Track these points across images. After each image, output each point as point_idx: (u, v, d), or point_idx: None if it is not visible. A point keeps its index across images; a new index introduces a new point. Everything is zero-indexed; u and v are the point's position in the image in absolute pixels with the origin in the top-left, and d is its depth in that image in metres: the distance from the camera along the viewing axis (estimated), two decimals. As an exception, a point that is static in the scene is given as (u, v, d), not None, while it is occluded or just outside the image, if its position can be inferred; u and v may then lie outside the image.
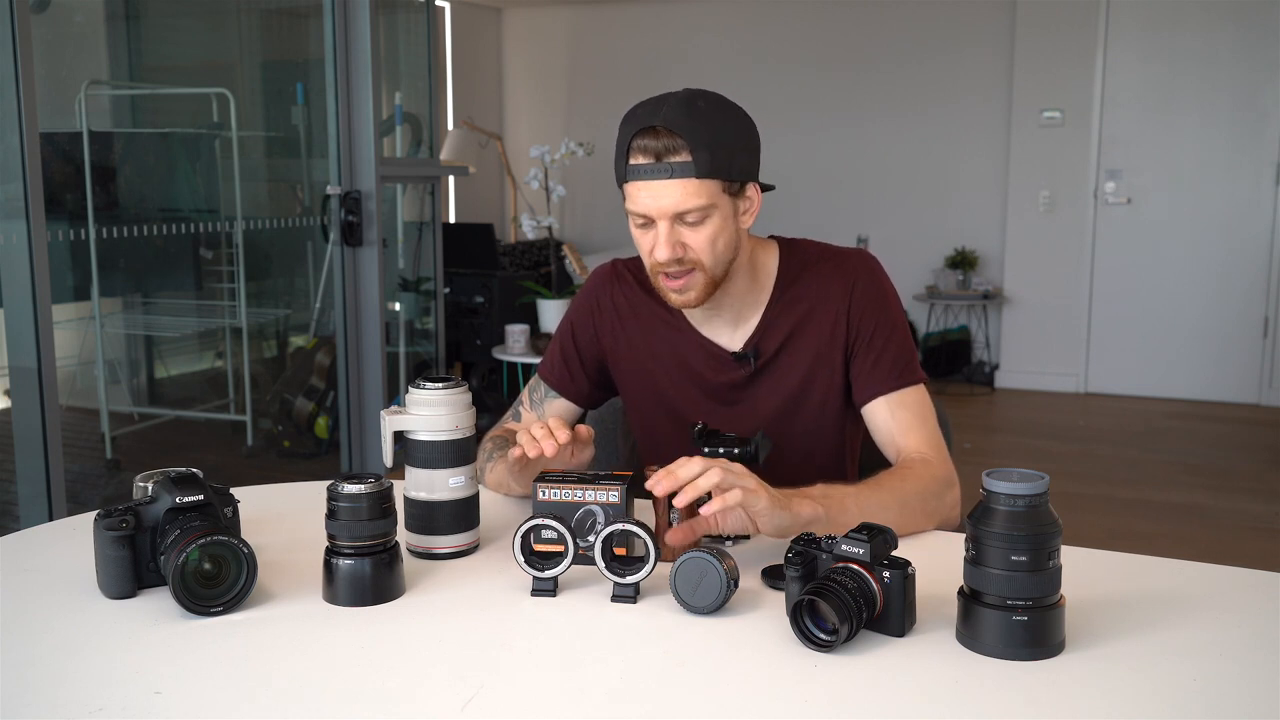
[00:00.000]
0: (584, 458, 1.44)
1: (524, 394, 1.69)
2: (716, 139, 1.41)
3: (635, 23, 7.31)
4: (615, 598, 1.19)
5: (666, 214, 1.41)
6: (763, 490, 1.23)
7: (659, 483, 1.20)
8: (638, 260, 1.66)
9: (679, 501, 1.20)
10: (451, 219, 7.12)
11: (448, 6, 7.12)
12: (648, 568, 1.18)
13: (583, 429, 1.41)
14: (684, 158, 1.39)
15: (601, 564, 1.19)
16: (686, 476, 1.20)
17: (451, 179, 6.99)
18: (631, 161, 1.41)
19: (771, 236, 1.63)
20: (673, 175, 1.39)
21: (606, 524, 1.20)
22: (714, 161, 1.40)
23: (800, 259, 1.59)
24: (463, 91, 7.31)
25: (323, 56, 3.83)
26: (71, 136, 3.86)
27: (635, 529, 1.18)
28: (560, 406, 1.65)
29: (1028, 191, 6.34)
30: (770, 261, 1.59)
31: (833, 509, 1.30)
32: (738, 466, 1.23)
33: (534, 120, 7.65)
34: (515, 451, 1.37)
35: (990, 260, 6.58)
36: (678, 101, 1.42)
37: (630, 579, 1.18)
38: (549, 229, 4.79)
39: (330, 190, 3.83)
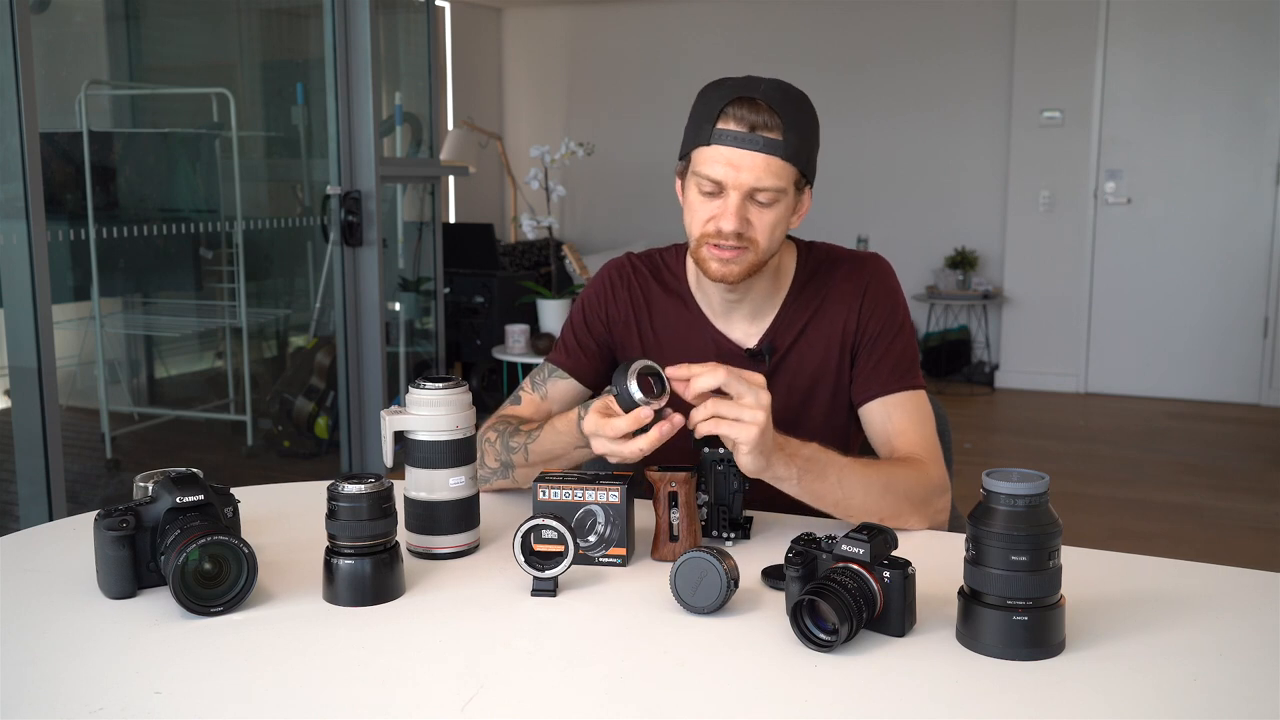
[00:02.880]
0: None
1: (526, 381, 1.68)
2: (805, 129, 1.44)
3: (635, 23, 7.30)
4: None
5: (743, 186, 1.41)
6: (754, 433, 1.23)
7: (679, 375, 1.23)
8: (650, 255, 1.66)
9: (687, 394, 1.23)
10: (451, 219, 7.12)
11: (448, 6, 7.12)
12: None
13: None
14: (776, 135, 1.40)
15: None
16: (701, 385, 1.22)
17: (451, 179, 6.99)
18: (721, 125, 1.41)
19: (788, 238, 1.63)
20: (762, 149, 1.40)
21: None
22: (800, 148, 1.43)
23: (817, 260, 1.60)
24: (463, 91, 7.31)
25: (323, 56, 3.83)
26: (71, 136, 3.86)
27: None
28: (565, 387, 1.63)
29: (1028, 191, 6.34)
30: (789, 261, 1.60)
31: (807, 477, 1.34)
32: (758, 386, 1.24)
33: (534, 120, 7.65)
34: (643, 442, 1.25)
35: (990, 260, 6.58)
36: (774, 83, 1.44)
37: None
38: (549, 229, 4.79)
39: (330, 190, 3.83)
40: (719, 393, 1.24)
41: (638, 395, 1.24)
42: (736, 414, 1.23)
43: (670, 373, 1.25)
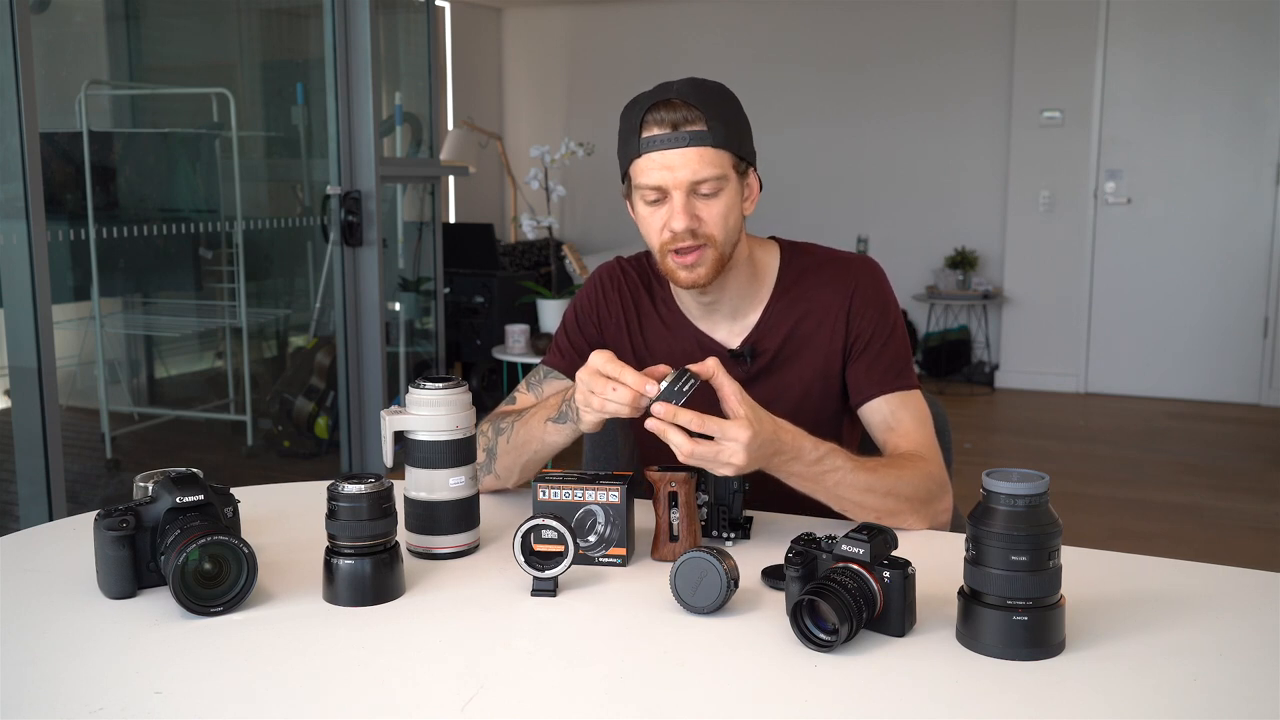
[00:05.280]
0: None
1: (522, 383, 1.69)
2: (728, 115, 1.44)
3: (635, 23, 7.31)
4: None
5: (683, 184, 1.42)
6: (726, 473, 1.28)
7: (663, 423, 1.25)
8: (639, 259, 1.67)
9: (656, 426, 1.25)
10: (451, 219, 7.12)
11: (448, 6, 7.12)
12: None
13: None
14: (700, 127, 1.41)
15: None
16: (676, 440, 1.25)
17: (451, 179, 6.99)
18: (645, 134, 1.42)
19: (772, 238, 1.64)
20: (690, 143, 1.41)
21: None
22: (728, 133, 1.43)
23: (803, 261, 1.60)
24: (463, 91, 7.31)
25: (323, 56, 3.83)
26: (71, 136, 3.86)
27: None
28: (560, 387, 1.63)
29: (1028, 191, 6.34)
30: (771, 261, 1.59)
31: (795, 480, 1.36)
32: (733, 442, 1.25)
33: (534, 120, 7.65)
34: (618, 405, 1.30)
35: (990, 260, 6.58)
36: (686, 81, 1.46)
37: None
38: (549, 229, 4.79)
39: (330, 190, 3.83)
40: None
41: (663, 387, 1.26)
42: (706, 464, 1.27)
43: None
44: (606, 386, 1.29)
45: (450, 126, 7.05)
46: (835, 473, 1.36)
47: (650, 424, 1.26)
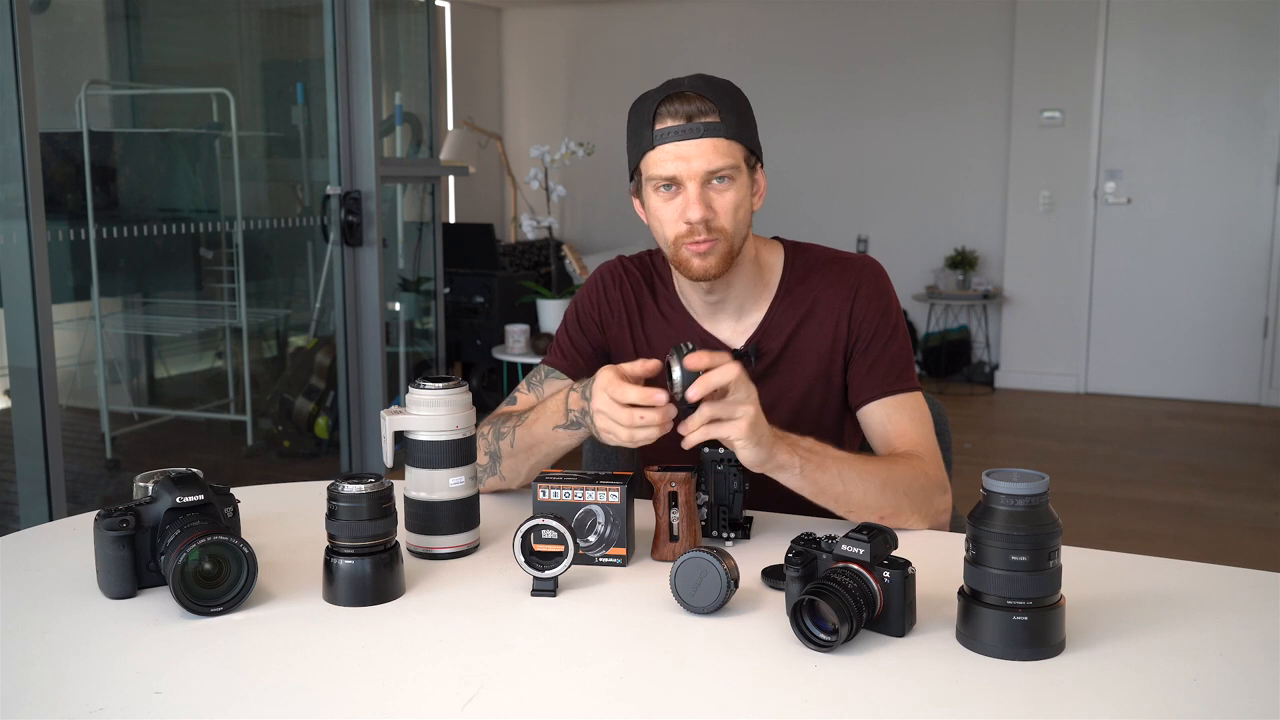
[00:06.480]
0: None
1: (522, 382, 1.69)
2: (739, 108, 1.46)
3: (635, 23, 7.31)
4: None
5: (697, 174, 1.43)
6: (745, 426, 1.27)
7: (700, 361, 1.24)
8: (641, 257, 1.67)
9: (691, 395, 1.24)
10: (451, 219, 7.12)
11: (448, 6, 7.12)
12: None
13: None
14: (714, 118, 1.43)
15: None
16: (717, 380, 1.24)
17: (451, 179, 6.99)
18: (659, 126, 1.44)
19: (775, 238, 1.64)
20: (704, 134, 1.42)
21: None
22: (740, 125, 1.45)
23: (806, 261, 1.60)
24: (463, 91, 7.31)
25: (323, 56, 3.83)
26: (71, 136, 3.86)
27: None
28: (561, 387, 1.63)
29: (1028, 191, 6.34)
30: (775, 260, 1.60)
31: (810, 466, 1.36)
32: (742, 391, 1.27)
33: (534, 120, 7.65)
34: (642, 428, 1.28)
35: (990, 260, 6.58)
36: (696, 76, 1.48)
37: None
38: (549, 229, 4.79)
39: (330, 190, 3.83)
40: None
41: (676, 375, 1.25)
42: (726, 413, 1.26)
43: (691, 363, 1.25)
44: (634, 417, 1.28)
45: (450, 126, 7.05)
46: (831, 458, 1.38)
47: (681, 429, 1.27)
